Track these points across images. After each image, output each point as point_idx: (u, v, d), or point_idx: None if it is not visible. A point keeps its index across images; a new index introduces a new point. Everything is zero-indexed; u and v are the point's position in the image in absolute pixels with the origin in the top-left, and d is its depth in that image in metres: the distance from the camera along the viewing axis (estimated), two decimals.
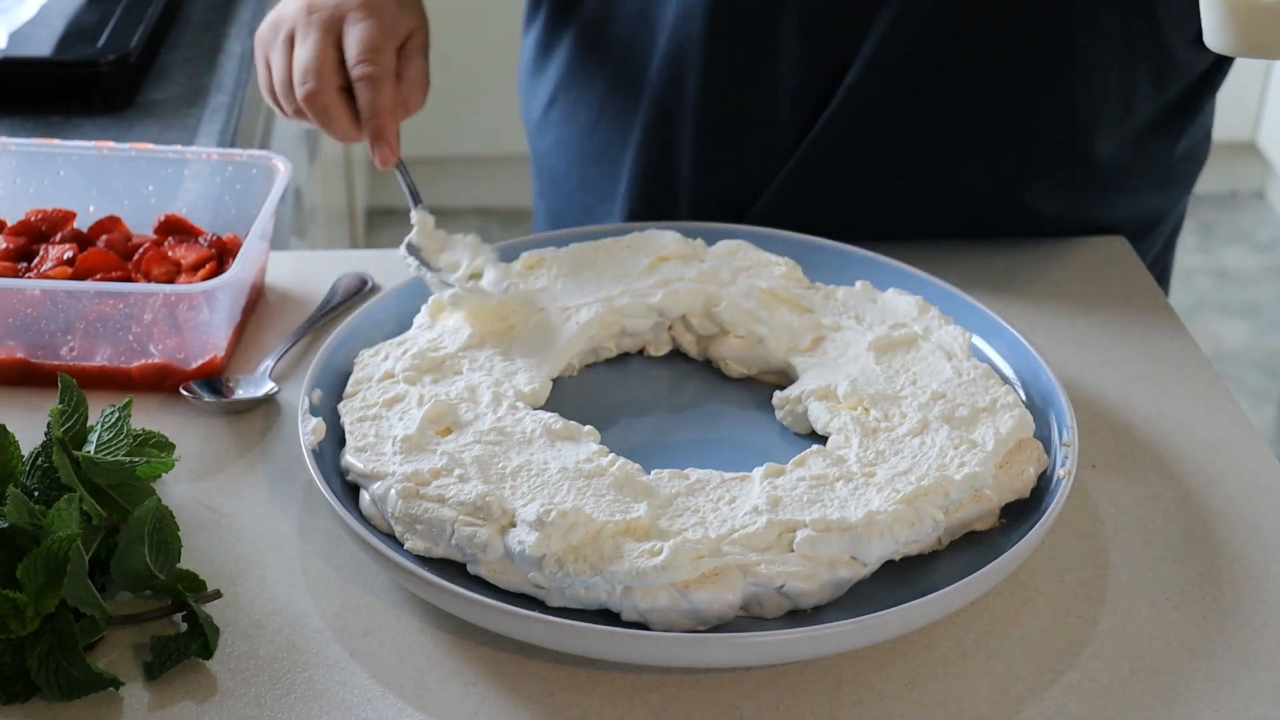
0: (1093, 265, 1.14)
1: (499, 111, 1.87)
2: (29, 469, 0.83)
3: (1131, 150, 1.16)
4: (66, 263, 1.02)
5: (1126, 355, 1.04)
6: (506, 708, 0.76)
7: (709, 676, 0.78)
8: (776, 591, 0.78)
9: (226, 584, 0.83)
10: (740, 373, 0.99)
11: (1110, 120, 1.13)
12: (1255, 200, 3.39)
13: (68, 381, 0.85)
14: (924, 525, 0.81)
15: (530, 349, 0.95)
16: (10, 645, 0.75)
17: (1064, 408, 0.90)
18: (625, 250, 1.03)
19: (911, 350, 0.95)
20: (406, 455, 0.85)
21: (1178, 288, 3.04)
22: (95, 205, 1.11)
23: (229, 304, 1.00)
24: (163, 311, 0.97)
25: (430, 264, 1.01)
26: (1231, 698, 0.77)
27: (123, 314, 0.97)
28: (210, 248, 1.05)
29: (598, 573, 0.77)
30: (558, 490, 0.81)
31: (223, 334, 1.00)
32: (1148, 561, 0.86)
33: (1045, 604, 0.83)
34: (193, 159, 1.11)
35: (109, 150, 1.11)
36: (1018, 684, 0.78)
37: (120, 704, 0.76)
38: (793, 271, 1.02)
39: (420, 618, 0.81)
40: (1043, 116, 1.11)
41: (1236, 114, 3.26)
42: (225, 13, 1.58)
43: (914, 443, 0.86)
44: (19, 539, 0.76)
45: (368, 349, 0.96)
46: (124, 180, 1.11)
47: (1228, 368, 2.81)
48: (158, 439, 0.88)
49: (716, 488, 0.83)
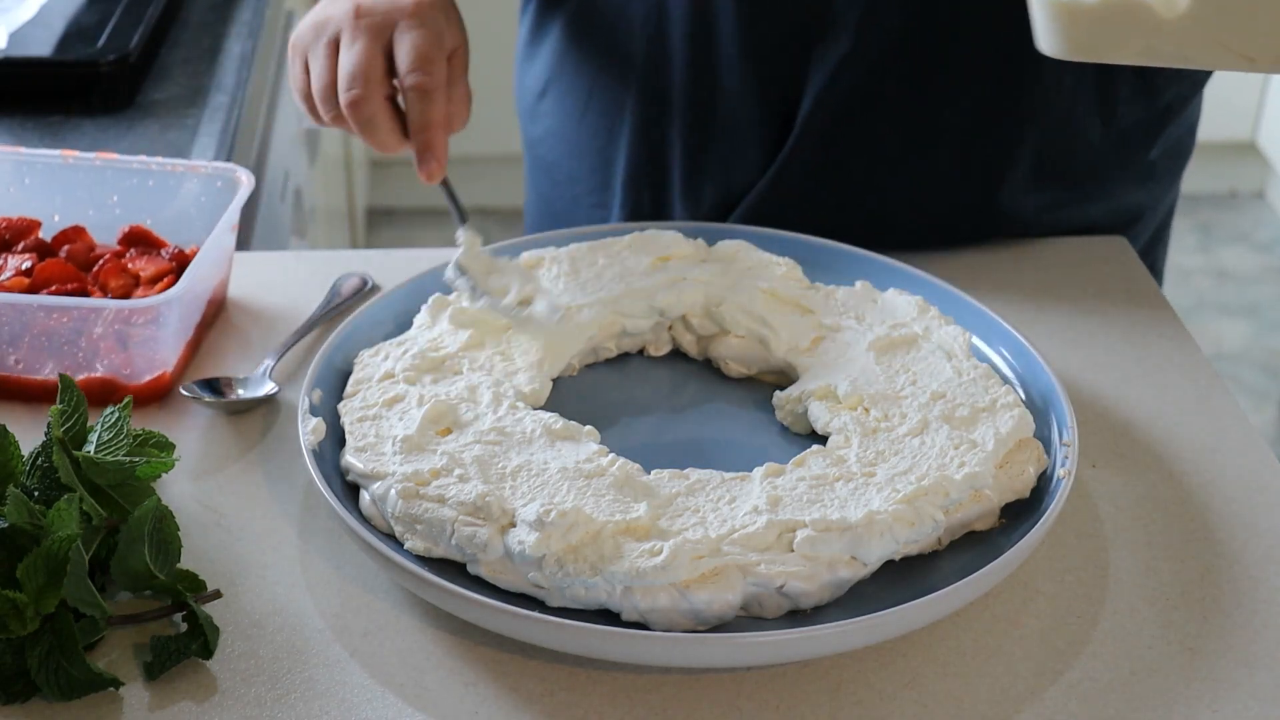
0: (1093, 265, 1.14)
1: (497, 111, 1.87)
2: (29, 469, 0.83)
3: (1112, 152, 1.16)
4: (24, 273, 1.01)
5: (1126, 355, 1.04)
6: (506, 708, 0.76)
7: (709, 676, 0.78)
8: (776, 591, 0.78)
9: (226, 584, 0.83)
10: (740, 373, 0.99)
11: (1088, 128, 1.13)
12: (1255, 200, 3.39)
13: (68, 381, 0.85)
14: (924, 525, 0.81)
15: (530, 349, 0.95)
16: (10, 645, 0.75)
17: (1064, 408, 0.90)
18: (625, 250, 1.03)
19: (911, 350, 0.95)
20: (406, 455, 0.85)
21: (1178, 288, 3.04)
22: (60, 215, 1.10)
23: (178, 320, 0.98)
24: (111, 326, 0.96)
25: (480, 285, 0.99)
26: (1231, 698, 0.77)
27: (69, 328, 0.96)
28: (171, 261, 1.04)
29: (598, 573, 0.77)
30: (558, 490, 0.81)
31: (171, 350, 0.98)
32: (1148, 561, 0.86)
33: (1045, 604, 0.83)
34: (158, 169, 1.09)
35: (74, 159, 1.09)
36: (1018, 684, 0.78)
37: (120, 704, 0.76)
38: (793, 271, 1.02)
39: (420, 618, 0.81)
40: (1018, 124, 1.12)
41: (1236, 114, 3.26)
42: (225, 13, 1.59)
43: (914, 443, 0.86)
44: (19, 539, 0.76)
45: (368, 349, 0.96)
46: (89, 190, 1.10)
47: (1228, 368, 2.82)
48: (158, 439, 0.88)
49: (716, 488, 0.83)
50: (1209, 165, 3.38)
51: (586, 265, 1.02)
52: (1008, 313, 1.03)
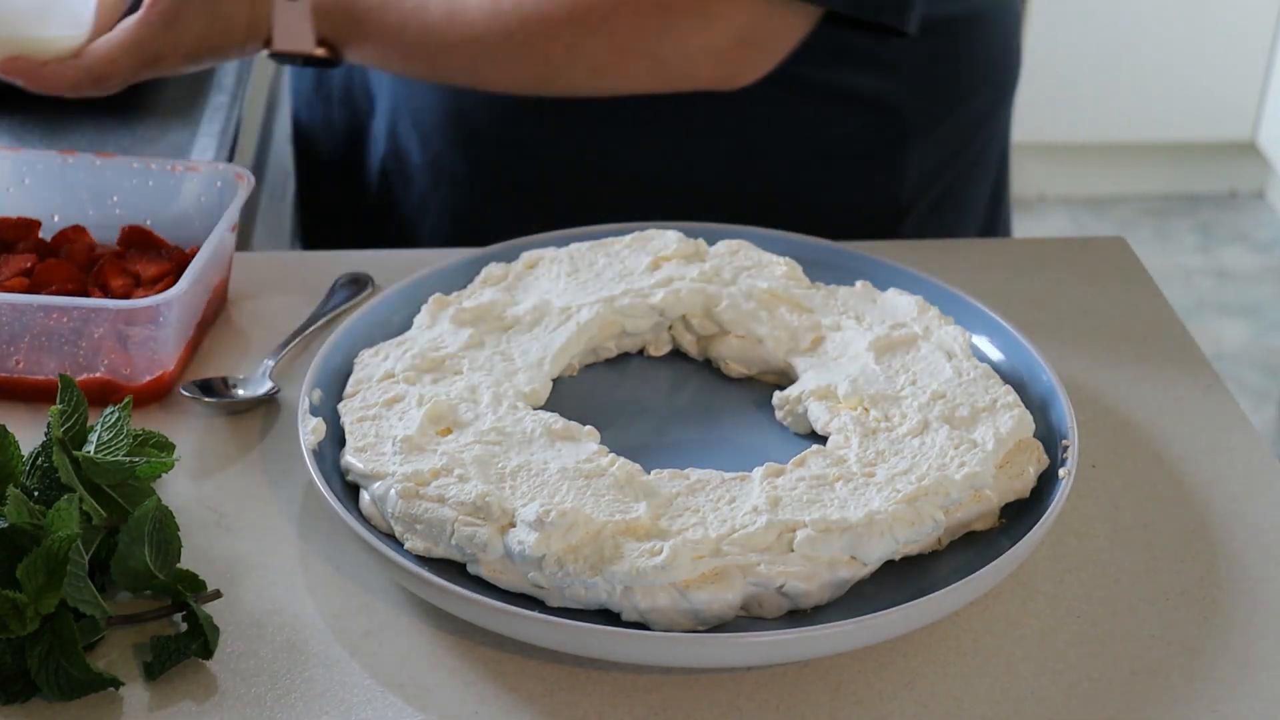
0: (1093, 265, 1.14)
1: None
2: (29, 469, 0.83)
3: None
4: (25, 273, 1.01)
5: (1126, 355, 1.04)
6: (506, 708, 0.76)
7: (709, 676, 0.78)
8: (776, 591, 0.78)
9: (226, 584, 0.83)
10: (740, 373, 0.99)
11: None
12: (1255, 200, 3.39)
13: (68, 381, 0.85)
14: (924, 525, 0.81)
15: (530, 349, 0.95)
16: (10, 645, 0.75)
17: (1064, 408, 0.90)
18: (625, 250, 1.03)
19: (911, 350, 0.95)
20: (406, 455, 0.85)
21: (1178, 288, 3.04)
22: (60, 215, 1.09)
23: (179, 320, 0.98)
24: (112, 327, 0.96)
25: None
26: (1231, 698, 0.77)
27: (70, 328, 0.96)
28: (171, 261, 1.04)
29: (598, 573, 0.77)
30: (557, 490, 0.81)
31: (172, 350, 0.98)
32: (1148, 561, 0.86)
33: (1045, 604, 0.83)
34: (158, 169, 1.09)
35: (74, 160, 1.09)
36: (1018, 684, 0.78)
37: (120, 704, 0.76)
38: (793, 271, 1.02)
39: (420, 618, 0.82)
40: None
41: (1236, 114, 3.26)
42: None
43: (914, 443, 0.86)
44: (19, 539, 0.76)
45: (368, 349, 0.96)
46: (89, 190, 1.10)
47: (1228, 368, 2.82)
48: (158, 439, 0.88)
49: (716, 488, 0.83)
50: (1209, 165, 3.38)
51: (586, 265, 1.02)
52: (1008, 313, 1.03)
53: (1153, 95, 3.22)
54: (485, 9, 1.07)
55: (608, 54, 1.06)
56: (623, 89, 1.10)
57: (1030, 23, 3.12)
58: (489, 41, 1.07)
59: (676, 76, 1.08)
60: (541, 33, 1.06)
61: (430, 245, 1.18)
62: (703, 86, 1.10)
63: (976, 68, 1.24)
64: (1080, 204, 3.36)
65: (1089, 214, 3.32)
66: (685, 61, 1.07)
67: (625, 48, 1.06)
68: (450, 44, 1.09)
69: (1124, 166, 3.38)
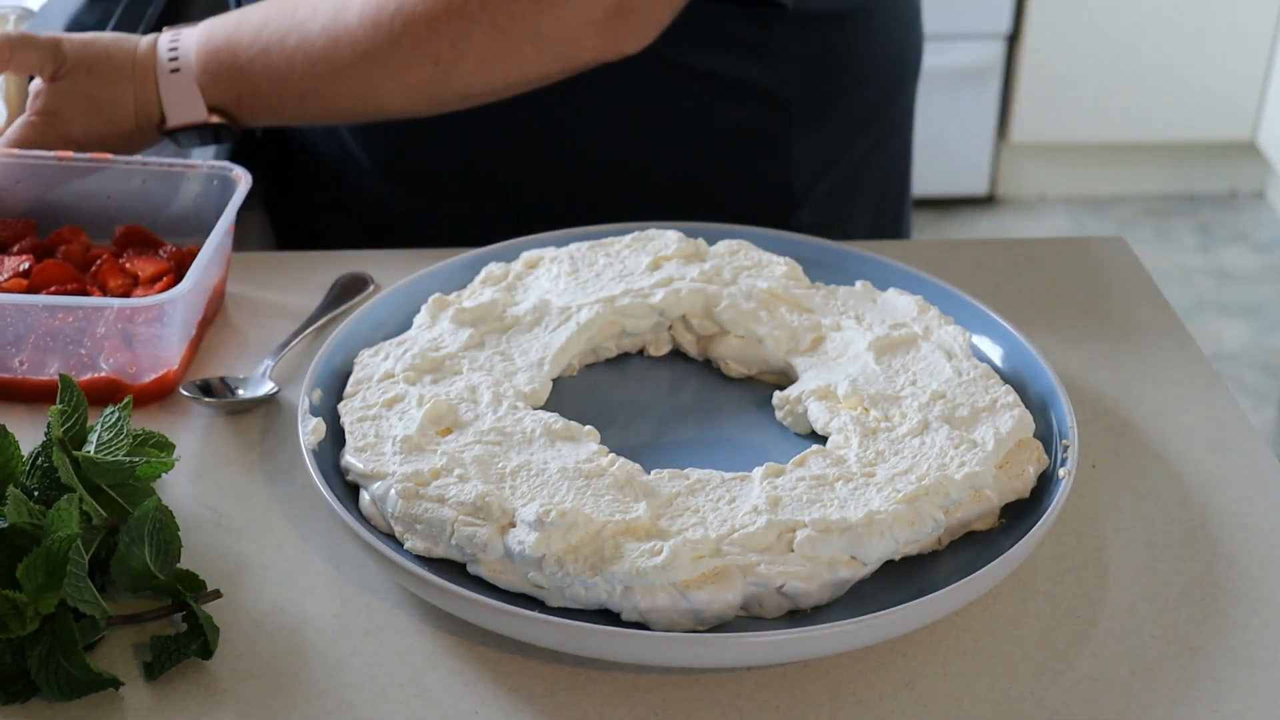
0: (1093, 265, 1.14)
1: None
2: (29, 469, 0.83)
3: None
4: (22, 274, 1.01)
5: (1126, 355, 1.04)
6: (506, 708, 0.76)
7: (709, 676, 0.78)
8: (776, 591, 0.78)
9: (226, 584, 0.83)
10: (740, 373, 0.99)
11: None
12: (1255, 200, 3.39)
13: (68, 381, 0.85)
14: (924, 525, 0.81)
15: (530, 349, 0.95)
16: (10, 645, 0.75)
17: (1064, 408, 0.90)
18: (625, 250, 1.03)
19: (911, 350, 0.95)
20: (406, 455, 0.85)
21: (1178, 288, 3.04)
22: (56, 216, 1.10)
23: (181, 318, 0.98)
24: (115, 325, 0.96)
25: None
26: (1231, 698, 0.77)
27: (74, 328, 0.96)
28: (169, 260, 1.04)
29: (598, 573, 0.77)
30: (557, 490, 0.81)
31: (175, 349, 0.98)
32: (1148, 561, 0.86)
33: (1045, 604, 0.83)
34: (154, 169, 1.09)
35: (69, 160, 1.09)
36: (1018, 684, 0.78)
37: (120, 704, 0.76)
38: (793, 271, 1.02)
39: (420, 618, 0.82)
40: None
41: (1236, 114, 3.26)
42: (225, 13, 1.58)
43: (914, 443, 0.86)
44: (19, 539, 0.76)
45: (368, 349, 0.96)
46: (85, 190, 1.10)
47: (1228, 368, 2.82)
48: (158, 439, 0.88)
49: (716, 488, 0.83)
50: (1209, 165, 3.38)
51: (586, 265, 1.02)
52: (1008, 313, 1.03)
53: (1153, 95, 3.22)
54: (366, 24, 1.07)
55: (491, 39, 1.06)
56: (513, 77, 1.09)
57: (1030, 23, 3.13)
58: (377, 54, 1.07)
59: (561, 53, 1.08)
60: (427, 32, 1.06)
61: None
62: (590, 60, 1.09)
63: (865, 60, 1.25)
64: (1080, 204, 3.36)
65: (1089, 214, 3.32)
66: (567, 36, 1.07)
67: (507, 29, 1.06)
68: (339, 67, 1.08)
69: (1124, 166, 3.38)
